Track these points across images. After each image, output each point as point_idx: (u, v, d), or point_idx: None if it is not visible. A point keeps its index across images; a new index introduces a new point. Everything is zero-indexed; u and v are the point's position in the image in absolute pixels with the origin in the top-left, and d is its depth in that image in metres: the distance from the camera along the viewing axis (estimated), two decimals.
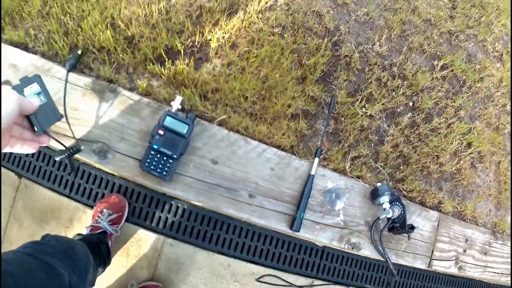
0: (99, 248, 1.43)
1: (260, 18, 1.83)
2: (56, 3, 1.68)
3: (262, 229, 1.67)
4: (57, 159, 1.30)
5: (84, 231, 1.51)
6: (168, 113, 1.38)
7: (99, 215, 1.52)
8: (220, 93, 1.65)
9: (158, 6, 1.71)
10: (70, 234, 1.62)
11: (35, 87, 0.95)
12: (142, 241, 1.62)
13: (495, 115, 2.42)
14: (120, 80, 1.59)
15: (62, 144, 1.18)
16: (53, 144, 1.44)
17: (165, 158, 1.38)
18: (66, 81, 1.42)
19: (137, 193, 1.63)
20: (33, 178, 1.67)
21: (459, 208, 2.10)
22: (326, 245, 1.73)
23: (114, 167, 1.46)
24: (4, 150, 0.80)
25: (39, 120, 0.87)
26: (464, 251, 2.07)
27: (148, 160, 1.38)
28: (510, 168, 2.44)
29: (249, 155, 1.56)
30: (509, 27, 2.93)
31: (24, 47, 1.62)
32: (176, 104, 1.43)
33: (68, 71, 1.49)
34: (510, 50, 2.75)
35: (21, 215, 1.66)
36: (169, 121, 1.38)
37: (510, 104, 2.53)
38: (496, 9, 2.87)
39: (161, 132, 1.36)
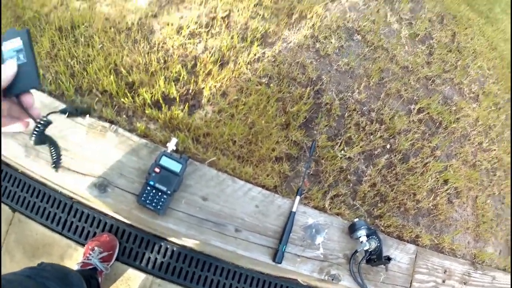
0: (89, 283, 1.50)
1: (249, 69, 2.06)
2: (64, 46, 1.91)
3: (248, 270, 1.82)
4: (32, 140, 1.25)
5: (75, 267, 1.58)
6: (164, 153, 1.58)
7: (90, 252, 1.61)
8: (211, 137, 1.86)
9: (157, 56, 1.95)
10: None
11: (17, 43, 0.81)
12: (131, 280, 1.72)
13: (471, 153, 2.60)
14: (121, 122, 1.80)
15: (31, 116, 0.97)
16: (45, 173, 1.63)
17: (160, 194, 1.55)
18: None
19: (128, 233, 1.76)
20: (26, 213, 1.76)
21: (436, 241, 2.25)
22: (309, 284, 1.89)
23: (113, 200, 1.63)
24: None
25: (12, 83, 0.77)
26: (443, 281, 2.20)
27: (144, 195, 1.55)
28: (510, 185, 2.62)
29: (236, 194, 1.75)
30: (491, 67, 3.16)
31: None
32: (171, 145, 1.63)
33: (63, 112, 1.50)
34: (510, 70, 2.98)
35: (13, 248, 1.73)
36: (164, 160, 1.57)
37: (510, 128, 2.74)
38: (473, 53, 3.10)
39: (157, 170, 1.55)
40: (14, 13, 1.99)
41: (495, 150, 2.73)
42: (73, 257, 1.74)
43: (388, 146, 2.24)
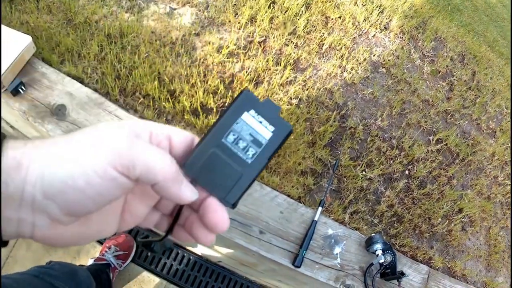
0: (100, 277, 1.55)
1: (281, 90, 2.26)
2: (112, 51, 2.05)
3: (261, 286, 1.90)
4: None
5: (89, 262, 1.67)
6: None
7: (106, 249, 1.70)
8: None
9: (197, 70, 2.15)
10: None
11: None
12: (145, 283, 1.79)
13: (486, 186, 2.71)
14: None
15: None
16: None
17: None
18: None
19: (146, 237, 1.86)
20: None
21: (448, 265, 2.36)
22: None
23: None
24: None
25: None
26: None
27: None
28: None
29: (263, 198, 1.90)
30: (509, 105, 3.29)
31: (80, 81, 1.91)
32: None
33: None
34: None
35: None
36: None
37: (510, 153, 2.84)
38: (492, 91, 3.24)
39: None
40: (66, 15, 2.13)
41: (510, 185, 2.84)
42: (90, 253, 1.81)
43: (406, 172, 2.39)
